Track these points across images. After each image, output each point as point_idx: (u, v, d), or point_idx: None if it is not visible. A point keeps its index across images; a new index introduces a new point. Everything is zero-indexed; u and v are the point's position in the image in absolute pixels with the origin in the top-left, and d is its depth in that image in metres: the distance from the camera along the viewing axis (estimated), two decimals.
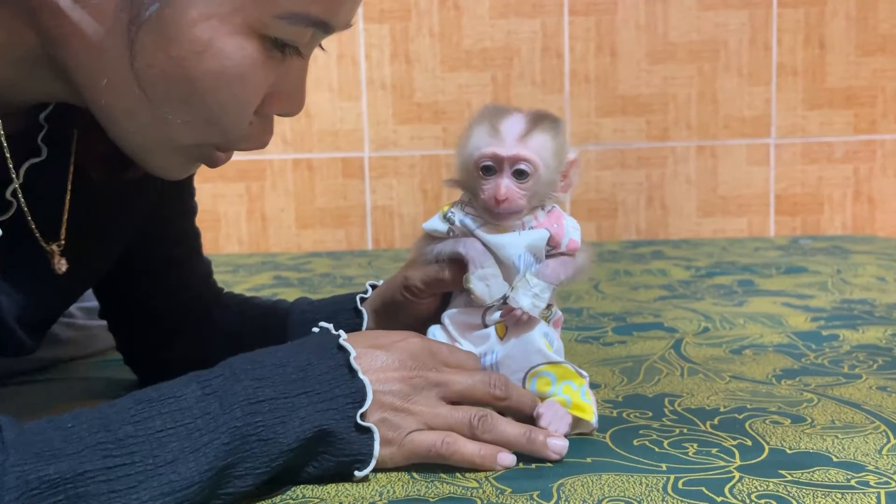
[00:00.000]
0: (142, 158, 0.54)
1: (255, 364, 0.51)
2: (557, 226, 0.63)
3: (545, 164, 0.62)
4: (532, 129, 0.62)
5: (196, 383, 0.48)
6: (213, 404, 0.47)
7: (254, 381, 0.49)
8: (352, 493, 0.51)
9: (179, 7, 0.46)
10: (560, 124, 0.65)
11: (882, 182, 2.22)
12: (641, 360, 0.84)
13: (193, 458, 0.45)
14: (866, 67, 2.18)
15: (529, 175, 0.61)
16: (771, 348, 0.88)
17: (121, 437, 0.44)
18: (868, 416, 0.64)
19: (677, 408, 0.67)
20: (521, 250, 0.62)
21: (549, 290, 0.61)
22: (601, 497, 0.49)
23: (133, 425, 0.45)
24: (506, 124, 0.62)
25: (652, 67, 2.19)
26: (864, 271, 1.41)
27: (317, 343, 0.54)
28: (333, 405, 0.51)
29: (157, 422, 0.45)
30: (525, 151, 0.61)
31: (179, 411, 0.46)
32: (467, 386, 0.57)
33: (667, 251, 1.81)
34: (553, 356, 0.62)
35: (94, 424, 0.44)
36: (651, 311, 1.11)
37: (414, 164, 2.21)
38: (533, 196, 0.62)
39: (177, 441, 0.45)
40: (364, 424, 0.51)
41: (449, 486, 0.51)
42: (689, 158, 2.21)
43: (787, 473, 0.52)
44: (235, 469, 0.47)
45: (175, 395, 0.47)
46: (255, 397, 0.49)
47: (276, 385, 0.50)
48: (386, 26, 2.17)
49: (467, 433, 0.54)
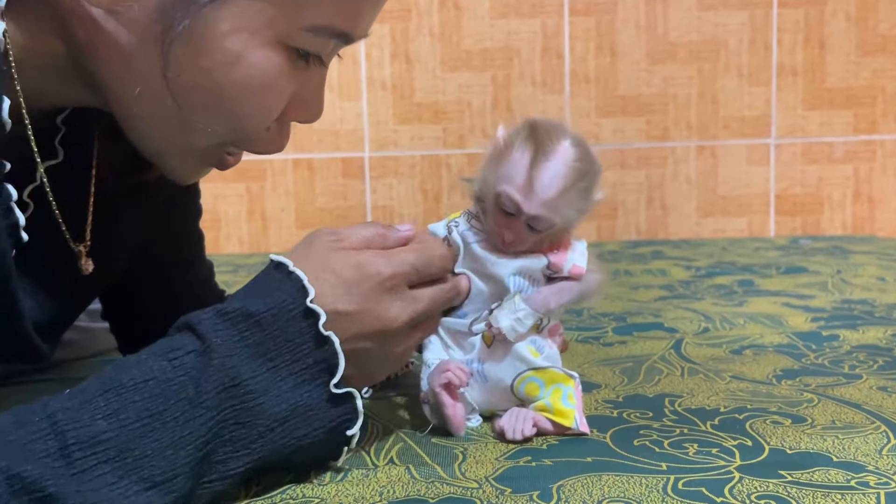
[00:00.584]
0: (161, 161, 0.56)
1: (226, 338, 0.49)
2: (559, 252, 0.62)
3: (565, 221, 0.61)
4: (565, 189, 0.59)
5: (167, 361, 0.47)
6: (188, 388, 0.46)
7: (224, 358, 0.48)
8: (352, 493, 0.51)
9: (211, 20, 0.48)
10: (595, 177, 0.62)
11: (882, 182, 2.22)
12: (642, 361, 0.84)
13: (172, 451, 0.44)
14: (866, 67, 2.18)
15: (543, 230, 0.61)
16: (771, 348, 0.88)
17: (93, 433, 0.43)
18: (868, 416, 0.64)
19: (677, 408, 0.67)
20: (512, 271, 0.62)
21: (533, 316, 0.61)
22: (601, 498, 0.49)
23: (106, 420, 0.44)
24: (543, 176, 0.59)
25: (652, 67, 2.19)
26: (865, 271, 1.41)
27: (282, 305, 0.51)
28: (305, 376, 0.50)
29: (130, 413, 0.44)
30: (548, 213, 0.60)
31: (152, 398, 0.45)
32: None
33: (667, 251, 1.81)
34: (538, 362, 0.62)
35: (63, 420, 0.43)
36: (651, 311, 1.11)
37: (414, 164, 2.21)
38: (544, 239, 0.62)
39: (152, 432, 0.44)
40: (340, 392, 0.51)
41: (449, 487, 0.51)
42: (689, 158, 2.21)
43: (787, 474, 0.52)
44: (216, 454, 0.47)
45: (145, 379, 0.46)
46: (228, 380, 0.47)
47: (246, 361, 0.49)
48: (386, 26, 2.17)
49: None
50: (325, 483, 0.53)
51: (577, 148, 0.60)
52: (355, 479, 0.53)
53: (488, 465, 0.55)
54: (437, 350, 0.65)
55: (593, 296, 0.64)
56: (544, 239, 0.62)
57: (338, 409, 0.52)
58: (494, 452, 0.58)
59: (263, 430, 0.48)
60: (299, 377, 0.50)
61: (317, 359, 0.51)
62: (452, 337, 0.65)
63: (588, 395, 0.72)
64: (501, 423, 0.61)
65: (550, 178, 0.59)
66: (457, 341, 0.64)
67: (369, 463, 0.56)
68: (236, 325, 0.49)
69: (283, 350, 0.50)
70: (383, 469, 0.55)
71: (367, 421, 0.66)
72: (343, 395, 0.52)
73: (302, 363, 0.50)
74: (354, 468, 0.55)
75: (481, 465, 0.55)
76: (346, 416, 0.52)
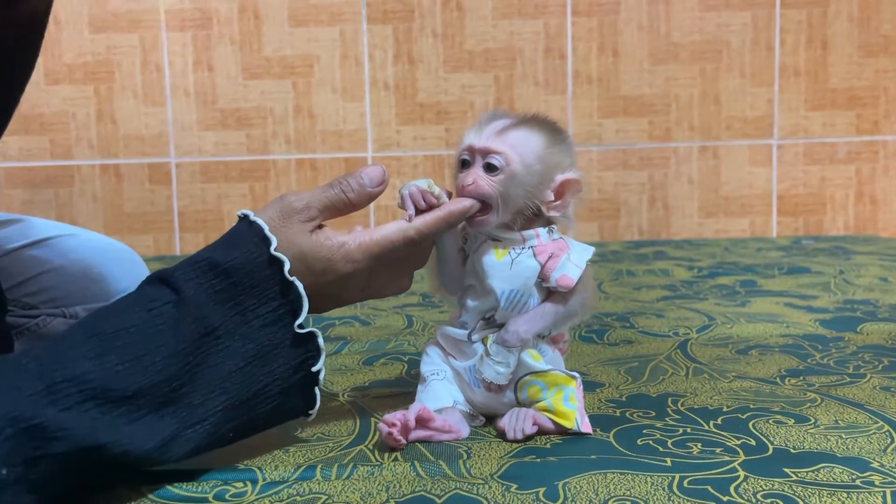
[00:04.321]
0: None
1: (198, 288, 0.53)
2: (554, 257, 0.61)
3: (521, 162, 0.60)
4: (515, 126, 0.61)
5: (146, 311, 0.51)
6: (166, 338, 0.50)
7: (198, 307, 0.52)
8: (358, 489, 0.51)
9: None
10: (560, 135, 0.62)
11: (884, 182, 2.22)
12: (647, 360, 0.84)
13: (151, 391, 0.48)
14: (869, 68, 2.18)
15: (500, 169, 0.60)
16: (777, 349, 0.88)
17: (78, 373, 0.46)
18: (871, 416, 0.64)
19: (680, 407, 0.68)
20: (506, 286, 0.61)
21: (512, 354, 0.61)
22: (607, 496, 0.50)
23: (90, 361, 0.47)
24: (493, 122, 0.62)
25: (654, 68, 2.19)
26: (867, 272, 1.41)
27: (247, 254, 0.55)
28: (271, 318, 0.54)
29: (111, 358, 0.48)
30: (497, 144, 0.60)
31: (133, 345, 0.49)
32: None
33: (669, 251, 1.81)
34: (538, 366, 0.62)
35: (49, 362, 0.47)
36: (654, 312, 1.11)
37: (417, 165, 2.21)
38: (506, 196, 0.60)
39: (132, 374, 0.48)
40: (303, 332, 0.55)
41: (455, 483, 0.52)
42: (692, 159, 2.21)
43: (792, 473, 0.52)
44: (194, 398, 0.50)
45: (125, 325, 0.50)
46: (203, 329, 0.51)
47: (216, 310, 0.52)
48: (389, 27, 2.17)
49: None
50: (331, 479, 0.53)
51: (534, 115, 0.62)
52: (361, 476, 0.53)
53: (493, 462, 0.55)
54: (434, 362, 0.65)
55: (577, 316, 0.63)
56: (509, 198, 0.60)
57: (301, 348, 0.55)
58: (499, 451, 0.58)
59: (234, 369, 0.52)
60: (265, 319, 0.54)
61: (282, 302, 0.54)
62: (453, 346, 0.65)
63: (591, 394, 0.72)
64: (502, 423, 0.61)
65: (502, 122, 0.61)
66: (458, 349, 0.65)
67: (374, 460, 0.56)
68: (205, 274, 0.53)
69: (250, 295, 0.54)
70: (388, 466, 0.55)
71: (369, 419, 0.66)
72: (306, 335, 0.55)
73: (268, 306, 0.54)
74: (360, 465, 0.55)
75: (486, 463, 0.55)
76: (309, 354, 0.56)
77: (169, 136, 2.18)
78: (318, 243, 0.57)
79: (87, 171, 2.19)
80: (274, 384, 0.54)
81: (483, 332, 0.63)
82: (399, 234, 0.59)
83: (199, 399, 0.51)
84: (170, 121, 2.17)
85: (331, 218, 0.59)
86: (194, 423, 0.51)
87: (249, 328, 0.53)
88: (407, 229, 0.59)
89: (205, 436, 0.51)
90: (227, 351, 0.52)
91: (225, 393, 0.52)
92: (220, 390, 0.52)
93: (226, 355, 0.52)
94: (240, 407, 0.53)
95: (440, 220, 0.60)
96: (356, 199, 0.59)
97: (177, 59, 2.16)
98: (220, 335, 0.52)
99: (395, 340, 0.96)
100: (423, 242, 0.60)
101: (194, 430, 0.51)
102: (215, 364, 0.52)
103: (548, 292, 0.62)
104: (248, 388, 0.53)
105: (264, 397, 0.54)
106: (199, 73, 2.16)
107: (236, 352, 0.53)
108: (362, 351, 0.92)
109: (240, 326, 0.53)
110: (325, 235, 0.57)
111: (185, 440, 0.50)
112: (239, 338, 0.53)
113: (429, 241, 0.62)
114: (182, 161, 2.18)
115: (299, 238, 0.56)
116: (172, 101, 2.17)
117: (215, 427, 0.52)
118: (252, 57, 2.16)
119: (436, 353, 0.66)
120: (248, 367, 0.53)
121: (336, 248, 0.57)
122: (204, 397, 0.51)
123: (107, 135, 2.18)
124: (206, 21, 2.15)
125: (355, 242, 0.57)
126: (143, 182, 2.18)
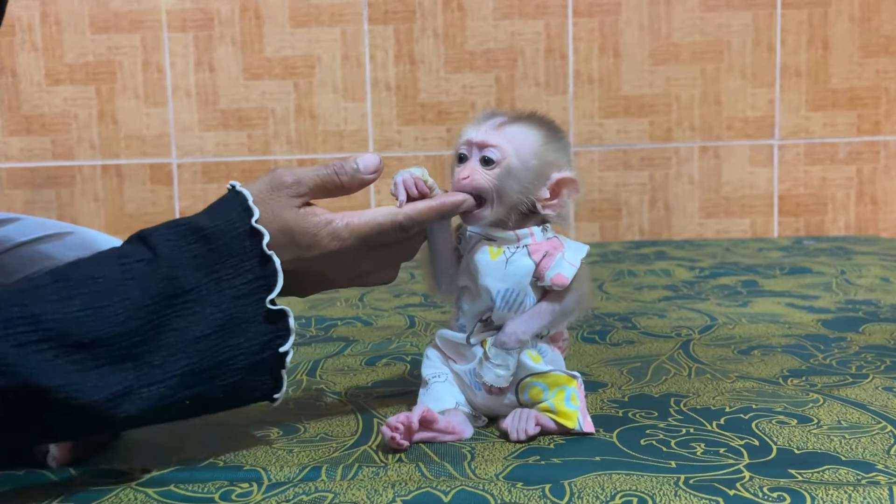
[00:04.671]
0: None
1: (174, 249, 0.52)
2: (548, 255, 0.61)
3: (517, 156, 0.60)
4: (512, 122, 0.61)
5: (117, 265, 0.51)
6: (133, 291, 0.50)
7: (172, 267, 0.51)
8: (364, 487, 0.51)
9: None
10: (557, 133, 0.62)
11: (885, 183, 2.22)
12: (650, 361, 0.84)
13: (108, 343, 0.48)
14: (870, 68, 2.18)
15: (496, 162, 0.60)
16: (779, 349, 0.88)
17: (37, 312, 0.46)
18: (874, 416, 0.64)
19: (683, 408, 0.68)
20: (501, 285, 0.61)
21: (511, 356, 0.61)
22: (613, 492, 0.50)
23: (52, 304, 0.47)
24: (491, 118, 0.62)
25: (655, 68, 2.19)
26: (868, 272, 1.41)
27: (229, 222, 0.55)
28: (244, 290, 0.53)
29: (75, 303, 0.48)
30: (494, 138, 0.60)
31: (99, 294, 0.49)
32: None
33: (670, 252, 1.81)
34: (538, 367, 0.62)
35: (10, 298, 0.46)
36: (656, 312, 1.11)
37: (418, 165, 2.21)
38: (501, 190, 0.60)
39: (94, 322, 0.47)
40: (275, 309, 0.54)
41: (461, 482, 0.52)
42: (693, 159, 2.21)
43: (797, 473, 0.53)
44: (154, 357, 0.50)
45: (93, 275, 0.50)
46: (173, 289, 0.51)
47: (190, 273, 0.52)
48: (390, 27, 2.17)
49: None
50: (336, 480, 0.53)
51: (532, 113, 0.62)
52: (366, 477, 0.53)
53: (497, 463, 0.55)
54: (434, 365, 0.65)
55: (573, 314, 0.63)
56: (504, 193, 0.60)
57: (271, 325, 0.54)
58: (502, 451, 0.58)
59: (199, 335, 0.51)
60: (239, 290, 0.53)
61: (257, 275, 0.54)
62: (452, 349, 0.65)
63: (594, 394, 0.72)
64: (505, 424, 0.61)
65: (499, 118, 0.61)
66: (457, 352, 0.65)
67: (378, 461, 0.57)
68: (185, 237, 0.53)
69: (227, 264, 0.53)
70: (393, 467, 0.55)
71: (372, 420, 0.66)
72: (277, 312, 0.54)
73: (243, 278, 0.53)
74: (364, 466, 0.55)
75: (490, 464, 0.55)
76: (278, 333, 0.55)
77: (170, 136, 2.18)
78: (305, 218, 0.56)
79: (88, 171, 2.19)
80: (238, 358, 0.53)
81: (481, 334, 0.63)
82: (388, 218, 0.59)
83: (159, 360, 0.50)
84: (171, 121, 2.18)
85: (320, 198, 0.59)
86: (150, 384, 0.50)
87: (222, 297, 0.53)
88: (396, 213, 0.59)
89: (159, 398, 0.50)
90: (195, 316, 0.51)
91: (186, 358, 0.51)
92: (181, 354, 0.51)
93: (193, 320, 0.51)
94: (200, 375, 0.52)
95: (431, 210, 0.60)
96: (348, 183, 0.59)
97: (178, 59, 2.16)
98: (190, 299, 0.51)
99: (398, 341, 0.96)
100: (411, 230, 0.60)
101: (149, 390, 0.50)
102: (181, 328, 0.51)
103: (543, 291, 0.62)
104: (212, 358, 0.52)
105: (227, 370, 0.53)
106: (201, 73, 2.16)
107: (205, 318, 0.52)
108: (364, 351, 0.92)
109: (212, 294, 0.52)
110: (312, 212, 0.57)
111: (139, 398, 0.49)
112: (209, 305, 0.52)
113: (418, 232, 0.61)
114: (183, 161, 2.18)
115: (286, 212, 0.56)
116: (174, 101, 2.17)
117: (171, 391, 0.51)
118: (253, 57, 2.16)
119: (436, 355, 0.66)
120: (215, 336, 0.52)
121: (322, 225, 0.57)
122: (164, 359, 0.50)
123: (108, 135, 2.18)
124: (208, 21, 2.15)
125: (343, 221, 0.58)
126: (145, 182, 2.18)
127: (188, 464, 0.57)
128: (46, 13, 2.15)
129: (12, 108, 2.17)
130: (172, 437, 0.63)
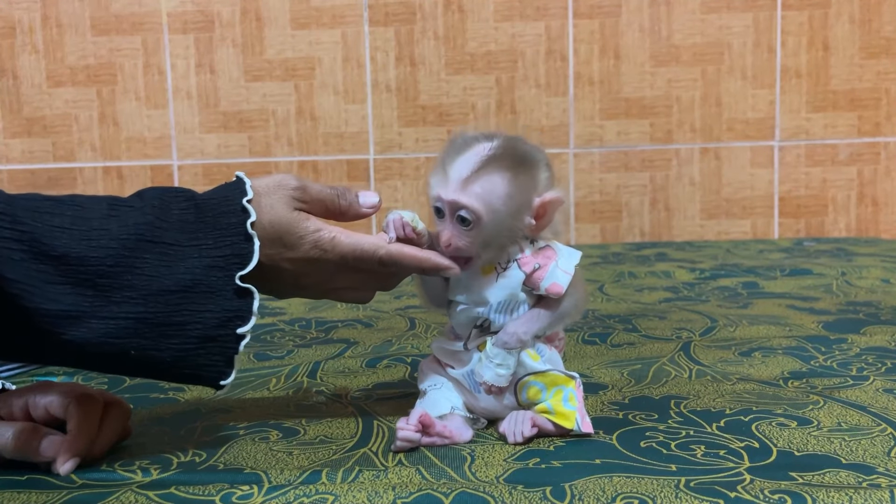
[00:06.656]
0: None
1: (164, 206, 0.55)
2: (540, 267, 0.61)
3: (491, 211, 0.58)
4: (480, 172, 0.58)
5: (107, 203, 0.54)
6: (112, 225, 0.53)
7: (158, 219, 0.54)
8: (365, 489, 0.51)
9: None
10: (526, 161, 0.60)
11: (886, 184, 2.22)
12: (651, 363, 0.84)
13: (75, 262, 0.51)
14: (870, 70, 2.18)
15: (472, 223, 0.59)
16: (780, 351, 0.88)
17: (19, 215, 0.50)
18: (874, 418, 0.64)
19: (683, 410, 0.68)
20: (493, 298, 0.61)
21: (511, 355, 0.61)
22: (614, 494, 0.50)
23: (33, 212, 0.51)
24: (456, 164, 0.59)
25: (656, 70, 2.19)
26: (869, 273, 1.41)
27: (223, 198, 0.58)
28: (220, 263, 0.55)
29: (55, 220, 0.51)
30: (464, 198, 0.58)
31: (81, 219, 0.52)
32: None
33: (671, 253, 1.81)
34: (537, 365, 0.62)
35: (2, 197, 0.50)
36: (656, 313, 1.11)
37: (419, 167, 2.21)
38: (485, 243, 0.60)
39: (67, 239, 0.51)
40: (243, 286, 0.56)
41: (461, 484, 0.52)
42: (693, 161, 2.21)
43: (797, 476, 0.53)
44: (115, 295, 0.52)
45: (82, 204, 0.53)
46: (152, 236, 0.53)
47: (173, 230, 0.55)
48: (391, 29, 2.18)
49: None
50: (337, 482, 0.53)
51: (496, 141, 0.60)
52: (367, 479, 0.54)
53: (497, 466, 0.55)
54: (430, 377, 0.66)
55: (570, 317, 0.63)
56: (488, 243, 0.60)
57: (235, 303, 0.55)
58: (502, 454, 0.58)
59: (163, 290, 0.53)
60: (214, 261, 0.55)
61: (235, 251, 0.56)
62: (449, 356, 0.65)
63: (594, 396, 0.72)
64: (502, 427, 0.61)
65: (462, 165, 0.59)
66: (455, 358, 0.65)
67: (378, 464, 0.57)
68: (177, 199, 0.56)
69: (210, 235, 0.56)
70: (393, 470, 0.55)
71: (372, 422, 0.66)
72: (244, 291, 0.56)
73: (221, 251, 0.55)
74: (365, 469, 0.55)
75: (490, 467, 0.55)
76: (240, 314, 0.56)
77: (171, 138, 2.18)
78: (297, 220, 0.58)
79: (89, 173, 2.19)
80: (194, 325, 0.54)
81: (478, 339, 0.63)
82: (371, 248, 0.60)
83: (119, 298, 0.52)
84: (172, 123, 2.18)
85: (318, 214, 0.61)
86: (103, 317, 0.51)
87: (197, 262, 0.54)
88: (380, 248, 0.60)
89: (105, 334, 0.51)
90: (166, 269, 0.53)
91: (145, 306, 0.53)
92: (141, 300, 0.52)
93: (163, 272, 0.53)
94: (152, 327, 0.53)
95: (413, 259, 0.61)
96: (346, 208, 0.62)
97: (179, 61, 2.16)
98: (166, 252, 0.54)
99: (398, 343, 0.96)
100: (390, 268, 0.61)
101: (99, 323, 0.51)
102: (149, 275, 0.53)
103: (538, 296, 0.63)
104: (168, 315, 0.53)
105: (180, 333, 0.54)
106: (202, 75, 2.17)
107: (174, 274, 0.54)
108: (365, 353, 0.92)
109: (189, 257, 0.54)
110: (305, 217, 0.59)
111: (86, 328, 0.51)
112: (182, 264, 0.54)
113: (399, 270, 0.62)
114: (184, 163, 2.18)
115: (281, 208, 0.58)
116: (175, 103, 2.17)
117: (120, 332, 0.52)
118: (254, 59, 2.16)
119: (430, 368, 0.66)
120: (179, 295, 0.54)
121: (311, 231, 0.59)
122: (124, 298, 0.52)
123: (109, 137, 2.18)
124: (209, 24, 2.16)
125: (330, 234, 0.59)
126: (146, 184, 2.18)
127: (188, 467, 0.57)
128: (47, 15, 2.15)
129: (13, 111, 2.18)
130: (173, 440, 0.63)
